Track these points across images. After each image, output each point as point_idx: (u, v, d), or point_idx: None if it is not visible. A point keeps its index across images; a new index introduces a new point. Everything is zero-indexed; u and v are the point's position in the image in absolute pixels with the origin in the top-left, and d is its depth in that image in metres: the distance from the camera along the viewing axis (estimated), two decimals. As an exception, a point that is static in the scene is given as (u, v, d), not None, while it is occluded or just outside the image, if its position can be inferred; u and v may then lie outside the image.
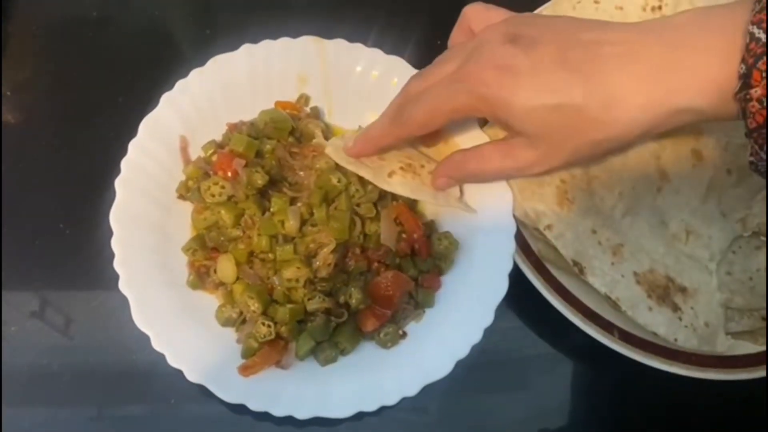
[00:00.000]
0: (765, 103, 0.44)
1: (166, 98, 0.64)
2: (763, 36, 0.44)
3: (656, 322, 0.60)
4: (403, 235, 0.62)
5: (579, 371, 0.68)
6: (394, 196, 0.63)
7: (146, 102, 0.65)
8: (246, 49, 0.67)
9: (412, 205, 0.65)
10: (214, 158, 0.63)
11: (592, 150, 0.55)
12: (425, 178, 0.62)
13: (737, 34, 0.46)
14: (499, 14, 0.58)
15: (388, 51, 0.68)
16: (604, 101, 0.50)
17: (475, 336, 0.58)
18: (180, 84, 0.65)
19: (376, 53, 0.68)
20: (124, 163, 0.62)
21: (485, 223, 0.63)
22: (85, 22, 0.79)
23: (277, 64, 0.68)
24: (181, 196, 0.64)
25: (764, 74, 0.44)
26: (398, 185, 0.60)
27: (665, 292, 0.61)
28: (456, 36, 0.62)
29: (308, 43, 0.68)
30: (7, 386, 0.62)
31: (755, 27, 0.45)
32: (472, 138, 0.64)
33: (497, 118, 0.55)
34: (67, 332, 0.65)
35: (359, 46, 0.68)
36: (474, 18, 0.60)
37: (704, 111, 0.49)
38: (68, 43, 0.78)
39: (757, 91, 0.45)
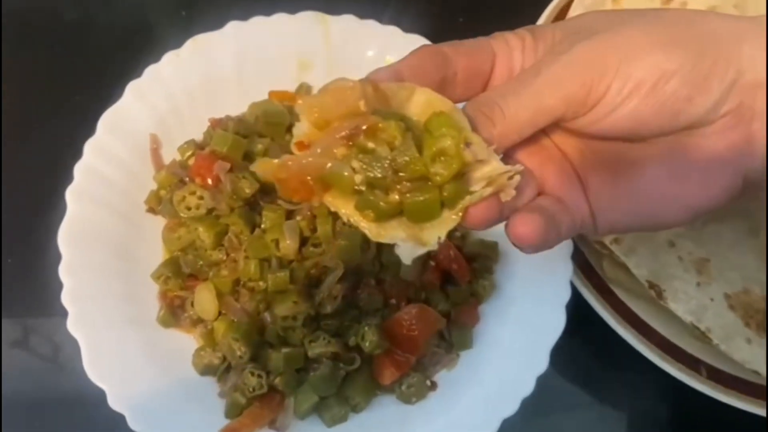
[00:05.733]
0: None
1: (132, 87, 0.57)
2: None
3: (758, 358, 0.51)
4: (431, 263, 0.54)
5: (657, 418, 0.58)
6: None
7: (109, 97, 0.57)
8: (233, 27, 0.60)
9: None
10: (192, 162, 0.56)
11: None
12: None
13: None
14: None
15: (407, 29, 0.61)
16: None
17: (526, 387, 0.49)
18: (150, 70, 0.58)
19: (393, 32, 0.61)
20: (78, 169, 0.54)
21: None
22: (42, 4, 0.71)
23: (271, 46, 0.61)
24: (151, 210, 0.57)
25: None
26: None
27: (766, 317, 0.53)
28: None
29: (309, 20, 0.61)
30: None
31: None
32: None
33: None
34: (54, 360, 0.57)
35: (372, 23, 0.61)
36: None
37: None
38: (23, 31, 0.70)
39: None
